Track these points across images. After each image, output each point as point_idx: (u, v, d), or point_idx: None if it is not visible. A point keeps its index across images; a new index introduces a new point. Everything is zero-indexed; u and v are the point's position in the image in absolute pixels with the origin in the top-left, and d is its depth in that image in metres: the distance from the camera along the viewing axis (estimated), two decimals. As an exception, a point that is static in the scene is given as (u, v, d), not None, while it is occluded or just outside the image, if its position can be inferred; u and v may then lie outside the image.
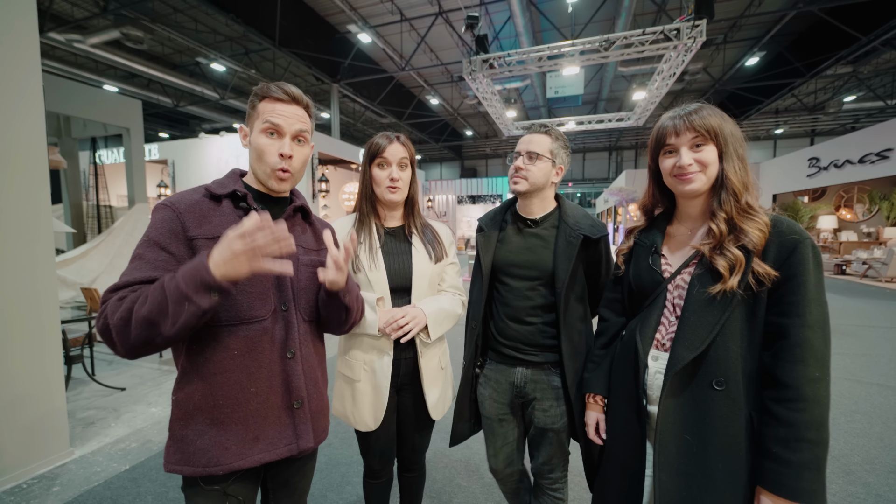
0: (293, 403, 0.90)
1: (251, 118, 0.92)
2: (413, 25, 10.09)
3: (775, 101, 12.20)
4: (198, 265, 0.72)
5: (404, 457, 1.41)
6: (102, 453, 2.23)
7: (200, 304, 0.72)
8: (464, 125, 18.41)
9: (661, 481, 0.87)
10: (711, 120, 0.88)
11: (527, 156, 1.21)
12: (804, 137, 19.27)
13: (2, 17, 1.90)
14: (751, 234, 0.81)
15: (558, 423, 1.23)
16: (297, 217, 1.01)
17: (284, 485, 1.00)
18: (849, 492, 1.91)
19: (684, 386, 0.86)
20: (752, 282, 0.80)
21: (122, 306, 0.74)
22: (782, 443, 0.76)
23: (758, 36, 9.91)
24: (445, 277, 1.37)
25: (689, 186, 0.89)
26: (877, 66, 10.54)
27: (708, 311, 0.84)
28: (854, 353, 3.96)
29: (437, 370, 1.32)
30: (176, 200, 0.86)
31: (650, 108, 10.66)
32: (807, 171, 11.65)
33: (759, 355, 0.82)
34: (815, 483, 0.74)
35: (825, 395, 0.76)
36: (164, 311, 0.71)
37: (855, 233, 11.66)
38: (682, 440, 0.86)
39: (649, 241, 1.02)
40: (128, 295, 0.76)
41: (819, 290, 0.78)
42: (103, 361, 3.74)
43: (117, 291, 0.77)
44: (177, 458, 0.84)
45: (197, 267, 0.72)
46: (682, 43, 6.67)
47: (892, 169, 9.11)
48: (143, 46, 9.26)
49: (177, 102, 13.07)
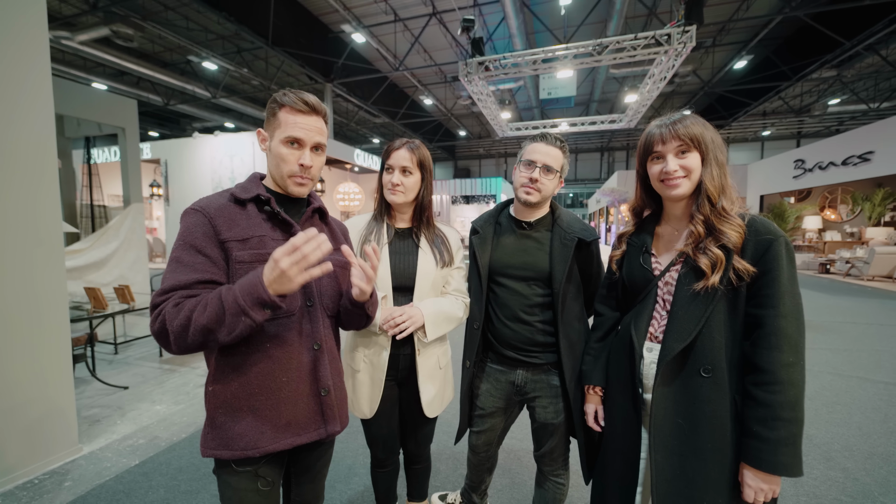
0: (320, 391, 0.98)
1: (271, 125, 0.97)
2: (407, 26, 10.14)
3: (762, 103, 12.50)
4: (254, 282, 0.78)
5: (409, 450, 1.48)
6: (111, 449, 2.27)
7: (256, 318, 0.79)
8: (457, 125, 18.50)
9: (656, 462, 0.96)
10: (694, 129, 0.95)
11: (544, 169, 1.25)
12: (791, 139, 19.70)
13: (11, 16, 1.92)
14: (729, 235, 0.90)
15: (558, 418, 1.31)
16: (315, 218, 1.08)
17: (307, 470, 1.07)
18: (828, 476, 2.03)
19: (675, 374, 0.95)
20: (732, 277, 0.89)
21: (180, 313, 0.80)
22: (761, 422, 0.85)
23: (746, 40, 10.15)
24: (451, 281, 1.42)
25: (675, 191, 0.98)
26: (860, 70, 10.85)
27: (694, 305, 0.92)
28: (836, 349, 4.12)
29: (435, 369, 1.37)
30: (205, 205, 0.92)
31: (641, 110, 10.84)
32: (793, 173, 11.92)
33: (741, 344, 0.91)
34: (791, 457, 0.83)
35: (799, 378, 0.85)
36: (221, 322, 0.78)
37: (839, 233, 11.97)
38: (674, 424, 0.95)
39: (640, 242, 1.10)
40: (183, 301, 0.82)
41: (792, 283, 0.87)
42: (103, 361, 3.75)
43: (167, 295, 0.83)
44: (215, 443, 0.91)
45: (254, 284, 0.78)
46: (672, 48, 6.83)
47: (873, 171, 9.39)
48: (133, 44, 9.18)
49: (167, 101, 12.94)
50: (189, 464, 2.13)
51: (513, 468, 2.10)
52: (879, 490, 1.92)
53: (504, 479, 2.01)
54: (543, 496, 1.42)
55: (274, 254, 0.78)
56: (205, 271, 0.86)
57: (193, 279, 0.85)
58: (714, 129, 0.99)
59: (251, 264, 0.90)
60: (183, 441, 2.36)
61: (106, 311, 3.08)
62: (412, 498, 1.58)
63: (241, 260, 0.90)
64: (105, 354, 3.93)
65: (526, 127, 13.42)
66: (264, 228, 0.94)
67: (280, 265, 0.76)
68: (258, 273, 0.80)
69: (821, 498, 1.88)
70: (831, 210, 12.49)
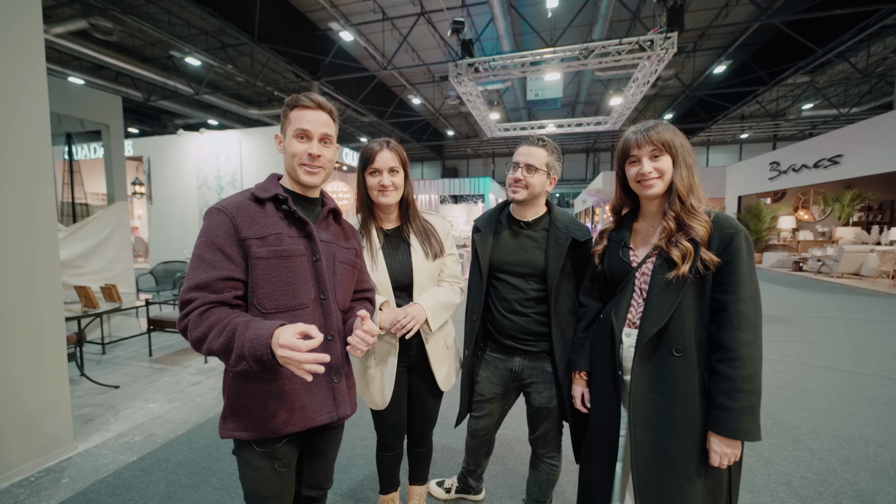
0: (333, 378, 1.05)
1: (284, 126, 1.06)
2: (395, 25, 10.15)
3: (741, 107, 12.93)
4: (264, 344, 0.82)
5: (414, 432, 1.56)
6: (107, 447, 2.28)
7: (253, 368, 0.85)
8: (445, 125, 18.56)
9: (635, 435, 1.07)
10: (666, 135, 1.07)
11: (525, 168, 1.34)
12: (767, 142, 20.40)
13: (9, 16, 1.93)
14: (697, 229, 1.01)
15: (551, 403, 1.41)
16: (330, 218, 1.15)
17: (318, 452, 1.14)
18: (797, 456, 2.19)
19: (651, 354, 1.06)
20: (700, 267, 1.01)
21: (200, 326, 0.88)
22: (725, 394, 0.96)
23: (725, 45, 10.50)
24: (445, 268, 1.49)
25: (649, 191, 1.09)
26: (831, 76, 11.34)
27: (667, 292, 1.04)
28: (807, 341, 4.36)
29: (443, 349, 1.47)
30: (227, 205, 0.99)
31: (626, 112, 11.11)
32: (768, 175, 12.39)
33: (708, 326, 1.03)
34: (751, 424, 0.95)
35: (757, 355, 0.96)
36: (227, 354, 0.86)
37: (811, 232, 12.50)
38: (650, 399, 1.06)
39: (619, 237, 1.21)
40: (209, 311, 0.90)
41: (751, 271, 0.99)
42: (91, 361, 3.71)
43: (194, 294, 0.91)
44: (234, 425, 0.97)
45: (262, 344, 0.82)
46: (655, 53, 7.05)
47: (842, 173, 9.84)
48: (112, 38, 8.95)
49: (148, 97, 12.65)
50: (188, 458, 2.16)
51: (505, 456, 2.20)
52: (842, 468, 2.08)
53: (497, 465, 2.11)
54: (538, 477, 1.52)
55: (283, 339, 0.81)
56: (224, 269, 0.93)
57: (214, 276, 0.92)
58: (683, 135, 1.11)
59: (269, 260, 0.97)
60: (180, 437, 2.39)
61: (98, 311, 3.06)
62: (413, 481, 1.66)
63: (259, 256, 0.97)
64: (93, 355, 3.89)
65: (514, 128, 13.58)
66: (281, 226, 1.01)
67: (278, 352, 0.81)
68: (270, 330, 0.83)
69: (790, 476, 2.03)
70: (804, 210, 13.02)
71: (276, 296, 0.98)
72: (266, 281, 0.97)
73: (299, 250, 1.01)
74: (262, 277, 0.96)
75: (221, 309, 0.91)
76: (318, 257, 1.04)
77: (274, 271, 0.97)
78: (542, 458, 1.51)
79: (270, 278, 0.97)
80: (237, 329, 0.86)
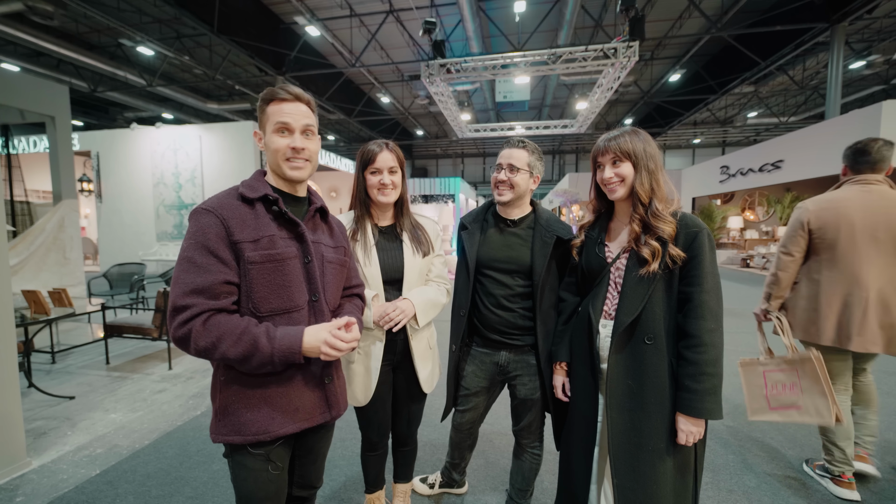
0: (325, 379, 1.06)
1: (262, 122, 1.03)
2: (363, 21, 10.01)
3: (693, 113, 13.79)
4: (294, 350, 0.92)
5: (399, 432, 1.59)
6: (65, 461, 2.14)
7: (277, 369, 0.94)
8: (414, 125, 18.50)
9: (611, 418, 1.16)
10: (626, 145, 1.17)
11: (508, 169, 1.40)
12: (717, 147, 21.84)
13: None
14: (664, 229, 1.11)
15: (535, 394, 1.47)
16: (317, 217, 1.14)
17: (309, 451, 1.14)
18: (751, 437, 2.41)
19: (625, 343, 1.16)
20: (668, 262, 1.10)
21: (209, 335, 0.88)
22: (690, 377, 1.07)
23: (679, 55, 11.16)
24: (432, 269, 1.54)
25: (613, 195, 1.21)
26: (773, 87, 12.29)
27: (639, 286, 1.13)
28: (752, 332, 4.73)
29: (427, 349, 1.51)
30: (217, 206, 0.95)
31: (591, 116, 11.56)
32: (719, 178, 13.23)
33: (675, 316, 1.13)
34: (714, 404, 1.05)
35: (719, 341, 1.07)
36: (248, 361, 0.90)
37: (757, 231, 13.49)
38: (625, 385, 1.15)
39: (595, 234, 1.31)
40: (213, 319, 0.89)
41: (713, 265, 1.10)
42: (40, 371, 3.44)
43: (191, 300, 0.88)
44: (227, 429, 0.96)
45: (293, 351, 0.92)
46: (619, 60, 7.38)
47: (784, 177, 10.68)
48: (53, 22, 8.26)
49: (94, 87, 11.74)
50: (157, 469, 2.07)
51: (486, 450, 2.26)
52: (789, 446, 2.31)
53: (479, 459, 2.16)
54: (521, 466, 1.59)
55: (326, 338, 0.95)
56: (219, 272, 0.91)
57: (210, 281, 0.90)
58: (651, 142, 1.19)
59: (262, 264, 0.95)
60: (147, 447, 2.28)
61: (49, 317, 2.85)
62: (398, 479, 1.68)
63: (252, 260, 0.94)
64: (41, 364, 3.61)
65: (484, 129, 13.75)
66: (272, 228, 0.99)
67: (322, 349, 0.94)
68: (298, 339, 0.93)
69: (745, 454, 2.23)
70: (750, 211, 14.03)
71: (271, 299, 0.97)
72: (260, 285, 0.96)
73: (291, 252, 1.00)
74: (256, 281, 0.95)
75: (223, 316, 0.90)
76: (309, 259, 1.03)
77: (268, 275, 0.96)
78: (525, 448, 1.57)
79: (265, 282, 0.96)
80: (258, 339, 0.90)
